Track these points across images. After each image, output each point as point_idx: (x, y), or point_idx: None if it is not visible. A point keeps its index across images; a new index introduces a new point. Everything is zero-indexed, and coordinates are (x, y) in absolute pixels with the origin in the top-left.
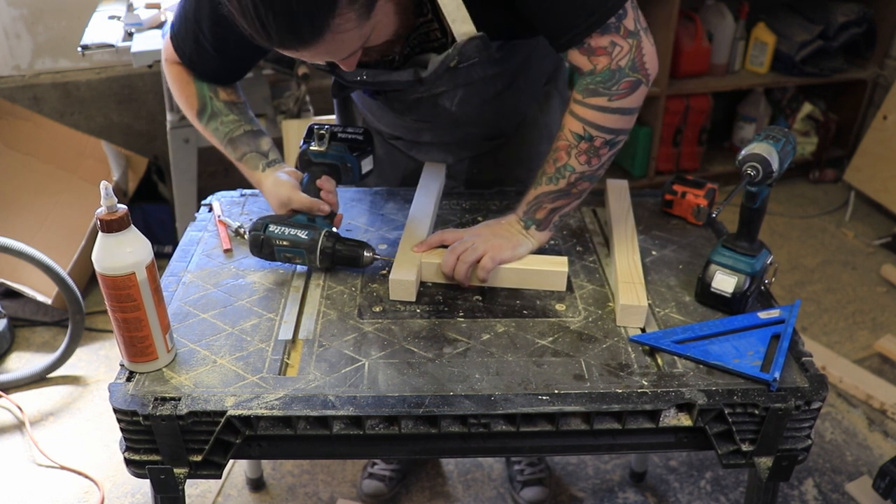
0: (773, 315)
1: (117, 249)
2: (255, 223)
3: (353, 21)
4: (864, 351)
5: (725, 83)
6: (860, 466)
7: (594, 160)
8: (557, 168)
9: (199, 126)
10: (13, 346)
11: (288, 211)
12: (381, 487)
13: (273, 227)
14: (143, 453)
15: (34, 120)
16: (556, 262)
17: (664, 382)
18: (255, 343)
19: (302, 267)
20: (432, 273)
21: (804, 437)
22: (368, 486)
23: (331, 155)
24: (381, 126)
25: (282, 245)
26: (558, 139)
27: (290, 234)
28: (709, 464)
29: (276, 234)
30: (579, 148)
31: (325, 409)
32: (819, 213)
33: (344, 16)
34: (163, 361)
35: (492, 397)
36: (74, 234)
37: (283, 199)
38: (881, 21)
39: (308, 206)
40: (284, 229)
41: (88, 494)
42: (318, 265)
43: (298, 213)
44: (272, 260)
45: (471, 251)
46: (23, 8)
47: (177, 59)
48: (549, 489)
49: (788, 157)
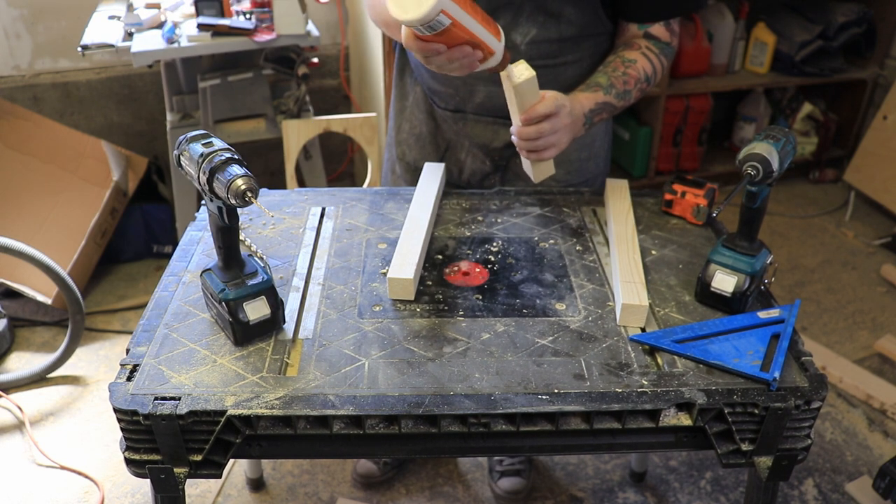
0: (772, 315)
1: None
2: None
3: None
4: (864, 351)
5: (725, 83)
6: (860, 466)
7: (638, 97)
8: (626, 90)
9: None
10: (13, 346)
11: None
12: (374, 470)
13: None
14: (144, 453)
15: (34, 120)
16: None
17: (664, 382)
18: (255, 342)
19: (302, 267)
20: None
21: (804, 436)
22: (362, 466)
23: None
24: (435, 83)
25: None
26: (629, 66)
27: None
28: (709, 464)
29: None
30: (642, 86)
31: (325, 408)
32: (819, 213)
33: None
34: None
35: (492, 397)
36: (74, 234)
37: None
38: (881, 21)
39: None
40: None
41: (88, 494)
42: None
43: None
44: None
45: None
46: (23, 8)
47: None
48: (526, 481)
49: (788, 157)
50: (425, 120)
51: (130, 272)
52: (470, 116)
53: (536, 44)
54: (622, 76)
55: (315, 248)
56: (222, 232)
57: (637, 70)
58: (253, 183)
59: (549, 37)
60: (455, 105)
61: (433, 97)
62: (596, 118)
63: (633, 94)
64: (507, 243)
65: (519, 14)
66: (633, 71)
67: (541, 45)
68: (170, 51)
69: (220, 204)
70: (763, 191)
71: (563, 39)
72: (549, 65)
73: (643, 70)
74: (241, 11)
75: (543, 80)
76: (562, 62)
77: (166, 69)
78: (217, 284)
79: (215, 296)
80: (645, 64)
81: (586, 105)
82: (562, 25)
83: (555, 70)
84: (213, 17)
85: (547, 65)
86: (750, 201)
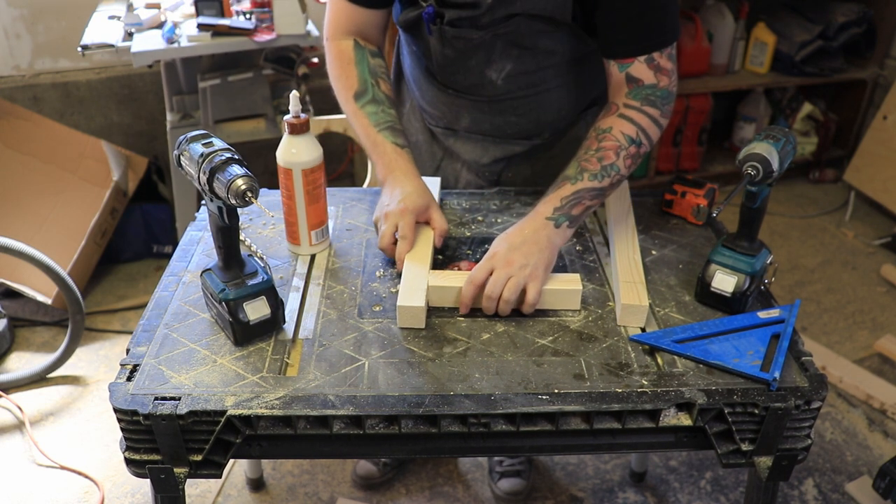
0: (773, 315)
1: (289, 148)
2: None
3: None
4: (864, 351)
5: (725, 83)
6: (860, 466)
7: (632, 165)
8: (604, 167)
9: (350, 106)
10: (13, 346)
11: (399, 220)
12: (374, 471)
13: None
14: (144, 453)
15: (34, 120)
16: (570, 281)
17: (664, 382)
18: (255, 343)
19: (302, 267)
20: (446, 298)
21: (804, 436)
22: (362, 467)
23: None
24: (424, 103)
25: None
26: (603, 139)
27: None
28: (709, 464)
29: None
30: (628, 151)
31: (325, 408)
32: (819, 213)
33: None
34: (305, 250)
35: (492, 397)
36: (74, 234)
37: (421, 206)
38: (881, 21)
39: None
40: None
41: (88, 494)
42: None
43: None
44: None
45: (512, 289)
46: (23, 8)
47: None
48: (527, 481)
49: (788, 157)
50: (421, 129)
51: (130, 272)
52: (460, 134)
53: (513, 77)
54: (595, 154)
55: None
56: (222, 232)
57: (614, 138)
58: (253, 183)
59: (527, 69)
60: (445, 124)
61: (424, 114)
62: (575, 210)
63: (620, 164)
64: None
65: (491, 51)
66: (610, 142)
67: (517, 78)
68: (170, 51)
69: (220, 204)
70: (763, 191)
71: (542, 69)
72: (531, 94)
73: (623, 135)
74: (241, 11)
75: (525, 109)
76: (544, 90)
77: (166, 69)
78: (217, 284)
79: (215, 296)
80: (624, 127)
81: (545, 211)
82: (538, 56)
83: (537, 98)
84: (213, 17)
85: (528, 94)
86: (750, 201)
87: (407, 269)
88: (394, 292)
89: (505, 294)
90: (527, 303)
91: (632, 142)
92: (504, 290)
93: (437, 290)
